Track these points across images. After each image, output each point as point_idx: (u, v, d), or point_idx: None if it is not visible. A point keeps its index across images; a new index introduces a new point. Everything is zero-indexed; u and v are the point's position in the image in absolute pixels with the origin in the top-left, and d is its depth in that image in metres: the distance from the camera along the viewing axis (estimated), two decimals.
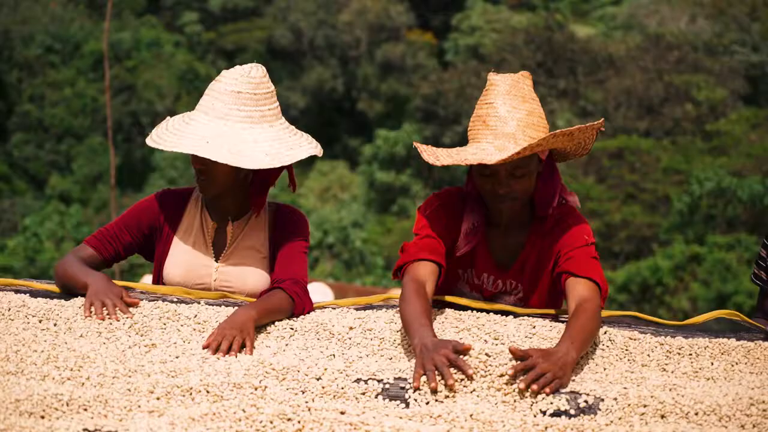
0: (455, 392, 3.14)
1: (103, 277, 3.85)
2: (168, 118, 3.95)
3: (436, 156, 3.73)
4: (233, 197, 3.98)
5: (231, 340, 3.48)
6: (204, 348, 3.47)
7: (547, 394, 3.13)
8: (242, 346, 3.49)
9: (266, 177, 3.94)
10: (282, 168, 3.93)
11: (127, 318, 3.66)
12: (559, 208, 3.85)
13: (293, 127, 3.98)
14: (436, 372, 3.17)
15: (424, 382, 3.17)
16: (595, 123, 3.73)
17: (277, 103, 3.93)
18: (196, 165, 3.85)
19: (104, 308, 3.68)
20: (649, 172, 30.74)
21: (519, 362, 3.20)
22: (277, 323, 3.66)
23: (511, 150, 3.58)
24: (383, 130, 37.36)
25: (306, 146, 3.91)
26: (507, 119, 3.66)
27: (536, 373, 3.16)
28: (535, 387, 3.12)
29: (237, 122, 3.82)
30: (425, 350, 3.27)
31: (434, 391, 3.14)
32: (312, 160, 36.90)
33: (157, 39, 41.98)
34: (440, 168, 37.44)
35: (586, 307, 3.52)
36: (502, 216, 3.84)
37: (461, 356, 3.22)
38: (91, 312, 3.67)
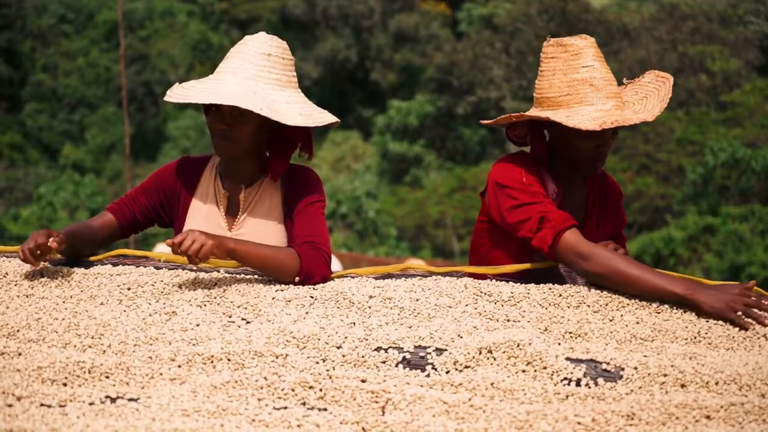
0: None
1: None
2: (176, 84, 3.92)
3: (568, 120, 3.72)
4: (249, 161, 3.95)
5: (201, 243, 3.55)
6: (168, 245, 3.55)
7: None
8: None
9: (288, 141, 3.92)
10: (305, 134, 3.93)
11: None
12: None
13: None
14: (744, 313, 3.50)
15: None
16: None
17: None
18: (220, 126, 3.81)
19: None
20: (662, 143, 30.68)
21: None
22: (297, 291, 3.65)
23: (657, 108, 3.78)
24: (396, 101, 37.35)
25: (328, 114, 3.91)
26: (610, 80, 3.81)
27: None
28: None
29: (267, 83, 3.80)
30: (720, 300, 3.50)
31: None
32: (325, 130, 36.90)
33: (171, 9, 41.94)
34: (454, 138, 37.47)
35: None
36: (580, 176, 3.96)
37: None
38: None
